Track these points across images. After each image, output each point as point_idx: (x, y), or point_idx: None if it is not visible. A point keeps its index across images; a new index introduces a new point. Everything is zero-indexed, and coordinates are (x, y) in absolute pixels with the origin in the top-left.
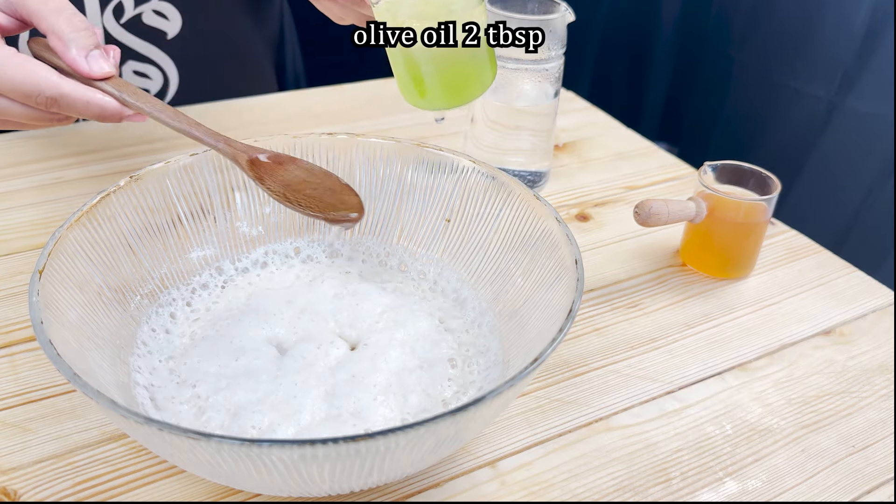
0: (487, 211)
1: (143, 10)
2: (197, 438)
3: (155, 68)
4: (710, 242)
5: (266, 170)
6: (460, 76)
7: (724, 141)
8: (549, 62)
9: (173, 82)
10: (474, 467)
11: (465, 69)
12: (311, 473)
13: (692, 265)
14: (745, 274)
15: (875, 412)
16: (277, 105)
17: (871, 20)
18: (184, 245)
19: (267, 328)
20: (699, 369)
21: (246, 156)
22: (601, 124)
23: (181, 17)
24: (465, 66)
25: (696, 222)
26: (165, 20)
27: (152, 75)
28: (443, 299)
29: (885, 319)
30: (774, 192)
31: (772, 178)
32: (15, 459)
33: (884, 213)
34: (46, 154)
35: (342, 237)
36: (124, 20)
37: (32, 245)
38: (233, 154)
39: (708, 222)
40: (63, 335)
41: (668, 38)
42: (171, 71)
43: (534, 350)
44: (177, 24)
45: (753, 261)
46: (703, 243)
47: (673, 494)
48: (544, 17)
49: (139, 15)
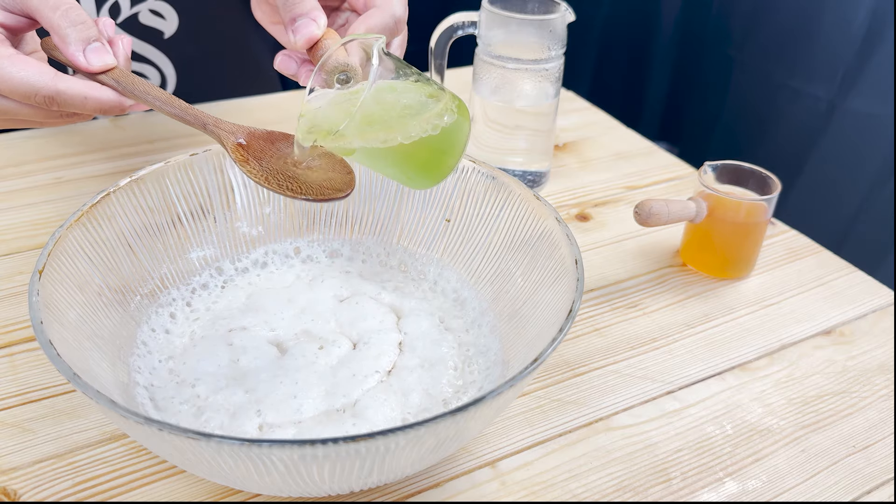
0: (487, 211)
1: (139, 10)
2: (197, 438)
3: (152, 68)
4: (710, 242)
5: (255, 151)
6: (431, 159)
7: (724, 141)
8: (549, 62)
9: (171, 81)
10: (474, 467)
11: (435, 151)
12: (311, 473)
13: (692, 265)
14: (746, 274)
15: (875, 412)
16: (278, 104)
17: (871, 20)
18: (184, 245)
19: (267, 328)
20: (699, 369)
21: (232, 138)
22: (601, 124)
23: (178, 17)
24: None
25: (696, 222)
26: (162, 19)
27: (150, 75)
28: (443, 299)
29: (885, 319)
30: (774, 192)
31: (772, 178)
32: (15, 459)
33: (884, 213)
34: (46, 154)
35: (342, 237)
36: (121, 20)
37: (32, 245)
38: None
39: (708, 222)
40: (63, 335)
41: (668, 38)
42: (168, 70)
43: (534, 350)
44: (174, 23)
45: (753, 261)
46: (703, 243)
47: (673, 494)
48: (544, 17)
49: (135, 14)
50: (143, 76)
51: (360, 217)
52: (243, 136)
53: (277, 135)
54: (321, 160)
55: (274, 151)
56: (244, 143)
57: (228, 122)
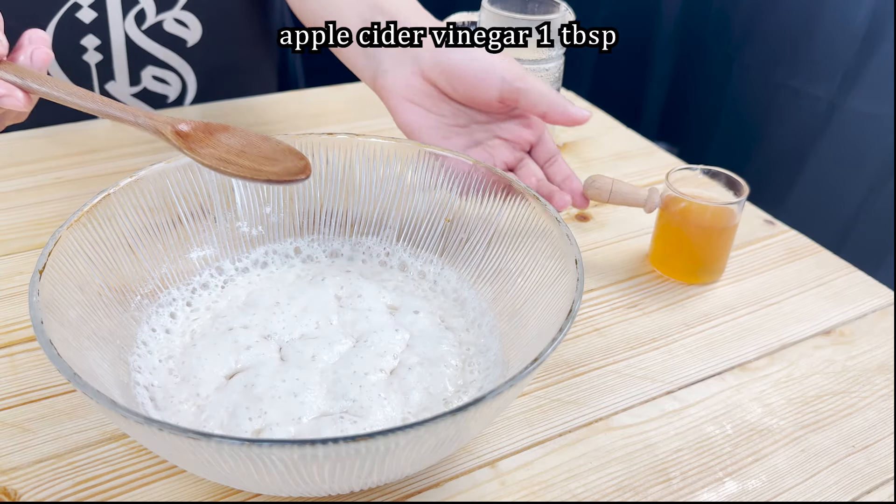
0: (487, 211)
1: (164, 18)
2: (197, 438)
3: (174, 74)
4: (674, 246)
5: (196, 140)
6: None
7: (724, 141)
8: (549, 62)
9: (191, 88)
10: (474, 467)
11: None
12: (311, 473)
13: (660, 269)
14: (715, 279)
15: (875, 412)
16: (277, 105)
17: (872, 20)
18: (184, 245)
19: (267, 327)
20: (699, 369)
21: (170, 127)
22: (601, 124)
23: (202, 27)
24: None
25: (648, 212)
26: (186, 29)
27: (171, 81)
28: (443, 299)
29: (885, 319)
30: (741, 197)
31: (740, 183)
32: (15, 459)
33: (884, 213)
34: (46, 154)
35: (342, 237)
36: (146, 27)
37: (32, 245)
38: (154, 126)
39: (669, 223)
40: (63, 335)
41: (668, 38)
42: (189, 77)
43: (534, 350)
44: (197, 33)
45: (721, 266)
46: (668, 247)
47: (673, 494)
48: (544, 17)
49: (160, 22)
50: (164, 82)
51: (360, 217)
52: (183, 125)
53: (215, 126)
54: (266, 145)
55: (214, 142)
56: (184, 131)
57: (162, 115)
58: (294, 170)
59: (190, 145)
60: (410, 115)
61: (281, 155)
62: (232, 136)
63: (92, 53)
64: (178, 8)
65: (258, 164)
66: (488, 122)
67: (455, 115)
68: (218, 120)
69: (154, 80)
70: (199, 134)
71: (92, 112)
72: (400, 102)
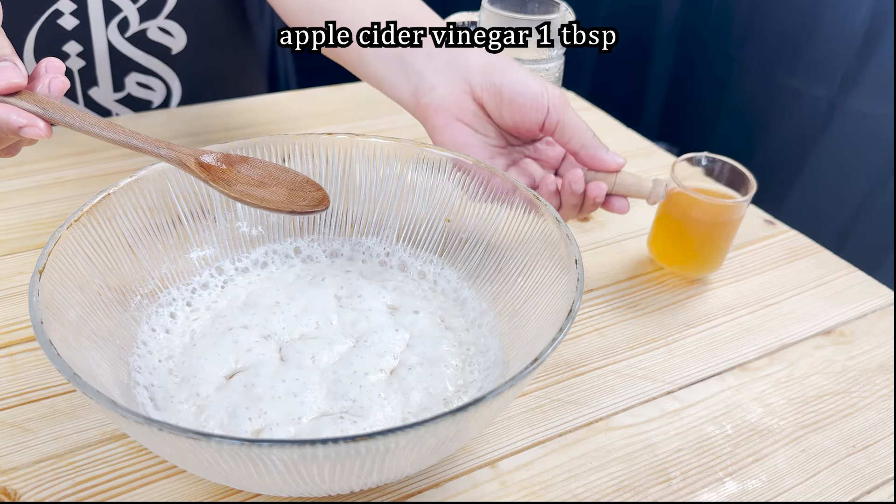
0: (487, 211)
1: (148, 26)
2: (197, 438)
3: (158, 80)
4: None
5: (218, 173)
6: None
7: (725, 141)
8: (549, 62)
9: (176, 94)
10: (474, 467)
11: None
12: (310, 473)
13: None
14: (713, 270)
15: (875, 412)
16: (275, 105)
17: (872, 20)
18: (184, 245)
19: (267, 327)
20: (699, 369)
21: (193, 158)
22: (601, 124)
23: (186, 36)
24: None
25: (651, 203)
26: (171, 37)
27: (155, 87)
28: (443, 299)
29: (885, 319)
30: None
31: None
32: (15, 459)
33: (884, 213)
34: (46, 154)
35: (342, 237)
36: (129, 34)
37: (32, 245)
38: (178, 158)
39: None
40: (63, 335)
41: (669, 38)
42: (174, 84)
43: (534, 350)
44: (182, 41)
45: (721, 258)
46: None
47: (673, 494)
48: (544, 16)
49: (144, 31)
50: (148, 88)
51: (360, 217)
52: (206, 156)
53: (235, 158)
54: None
55: (234, 174)
56: (207, 163)
57: (183, 147)
58: (313, 201)
59: (214, 177)
60: (459, 133)
61: (299, 186)
62: (251, 168)
63: (74, 60)
64: (163, 17)
65: (279, 195)
66: (521, 144)
67: (497, 137)
68: (215, 121)
69: (138, 86)
70: (222, 165)
71: (114, 143)
72: (448, 120)
